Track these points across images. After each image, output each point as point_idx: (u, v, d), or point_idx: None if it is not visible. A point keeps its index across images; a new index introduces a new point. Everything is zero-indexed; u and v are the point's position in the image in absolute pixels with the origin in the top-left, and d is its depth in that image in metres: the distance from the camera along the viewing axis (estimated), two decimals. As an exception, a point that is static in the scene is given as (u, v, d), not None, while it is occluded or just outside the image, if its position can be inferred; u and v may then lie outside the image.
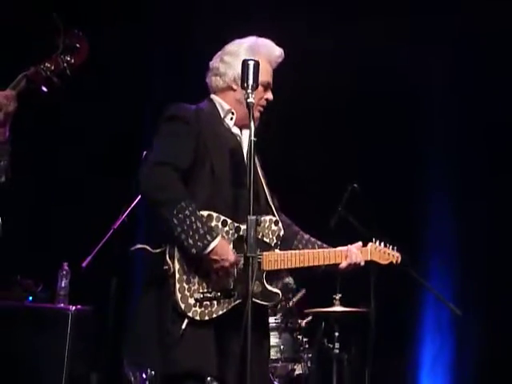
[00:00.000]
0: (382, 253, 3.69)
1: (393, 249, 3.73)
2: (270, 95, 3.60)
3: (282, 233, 3.49)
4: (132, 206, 5.45)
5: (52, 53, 3.54)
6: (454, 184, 6.60)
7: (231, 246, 3.36)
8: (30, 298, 5.67)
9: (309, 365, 5.55)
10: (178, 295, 3.26)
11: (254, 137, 3.28)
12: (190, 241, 3.20)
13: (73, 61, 3.54)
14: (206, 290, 3.31)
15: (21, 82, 3.48)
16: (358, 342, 5.69)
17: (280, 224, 3.50)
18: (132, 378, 5.41)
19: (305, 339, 5.58)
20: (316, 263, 3.52)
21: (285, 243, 3.55)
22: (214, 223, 3.32)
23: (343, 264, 3.57)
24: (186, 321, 3.26)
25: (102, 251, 5.30)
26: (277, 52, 3.61)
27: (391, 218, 5.90)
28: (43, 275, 5.77)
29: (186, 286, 3.28)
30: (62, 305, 5.66)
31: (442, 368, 6.53)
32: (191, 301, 3.28)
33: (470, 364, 6.46)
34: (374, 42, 6.57)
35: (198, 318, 3.26)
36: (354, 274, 3.68)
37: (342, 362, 5.54)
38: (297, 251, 3.52)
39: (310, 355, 5.58)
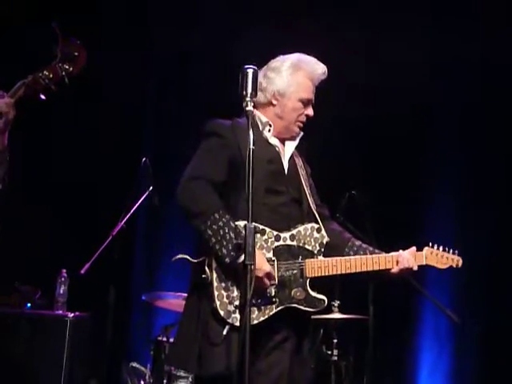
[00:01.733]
0: (439, 257, 3.71)
1: (453, 253, 3.75)
2: (310, 111, 3.69)
3: (325, 240, 3.57)
4: (131, 212, 5.47)
5: (51, 61, 3.56)
6: (455, 192, 6.59)
7: (271, 253, 3.47)
8: (29, 304, 5.69)
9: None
10: (217, 302, 3.38)
11: (297, 149, 3.67)
12: (224, 251, 3.35)
13: (71, 69, 3.55)
14: None
15: (19, 89, 3.49)
16: (356, 349, 5.69)
17: (323, 231, 3.57)
18: (130, 385, 5.44)
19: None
20: (364, 269, 3.58)
21: (336, 250, 3.63)
22: None
23: (395, 269, 3.61)
24: (227, 327, 3.37)
25: (100, 258, 5.30)
26: (319, 70, 3.68)
27: (389, 225, 5.90)
28: (42, 282, 5.79)
29: (225, 294, 3.40)
30: (61, 312, 5.68)
31: (441, 376, 6.52)
32: (230, 307, 3.39)
33: (469, 372, 6.45)
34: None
35: (237, 324, 3.33)
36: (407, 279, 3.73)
37: (341, 368, 5.53)
38: (342, 258, 3.58)
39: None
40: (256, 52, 6.23)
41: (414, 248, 3.70)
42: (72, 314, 5.53)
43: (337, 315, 5.46)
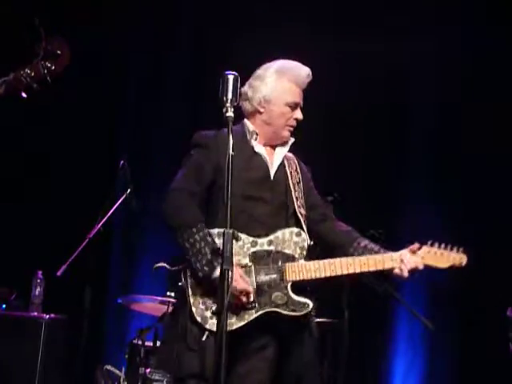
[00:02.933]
0: (438, 255, 3.51)
1: (457, 250, 3.55)
2: (298, 115, 3.69)
3: (306, 243, 3.55)
4: (107, 215, 5.46)
5: (33, 59, 3.52)
6: (436, 198, 6.65)
7: (247, 259, 3.48)
8: (4, 305, 5.66)
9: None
10: (193, 309, 3.42)
11: (290, 152, 3.71)
12: (198, 265, 3.38)
13: (54, 67, 3.49)
14: None
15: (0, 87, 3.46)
16: (330, 353, 5.71)
17: (304, 235, 3.55)
18: (105, 388, 5.43)
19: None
20: (363, 270, 3.50)
21: (341, 250, 3.61)
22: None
23: (403, 271, 3.50)
24: (206, 333, 3.40)
25: (77, 260, 5.29)
26: (303, 73, 3.69)
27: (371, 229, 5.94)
28: (17, 283, 5.76)
29: (201, 300, 3.43)
30: (36, 313, 5.67)
31: (414, 381, 6.57)
32: (207, 313, 3.42)
33: (442, 376, 6.50)
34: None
35: (215, 329, 3.33)
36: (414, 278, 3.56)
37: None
38: (326, 260, 3.53)
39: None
40: (238, 53, 6.43)
41: (416, 245, 3.57)
42: (47, 316, 5.52)
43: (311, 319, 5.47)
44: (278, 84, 3.65)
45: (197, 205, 3.50)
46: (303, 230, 3.57)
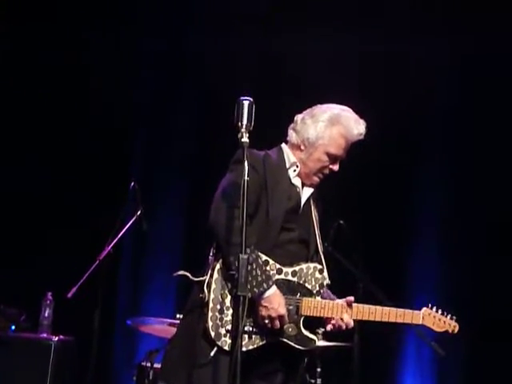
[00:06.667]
0: (436, 319, 3.71)
1: (451, 318, 3.74)
2: (335, 167, 3.71)
3: (326, 282, 3.60)
4: (118, 237, 5.46)
5: None
6: (442, 226, 6.65)
7: None
8: (13, 327, 5.65)
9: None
10: (210, 323, 3.43)
11: (316, 197, 3.75)
12: (248, 286, 3.32)
13: None
14: None
15: None
16: (339, 377, 5.69)
17: (325, 273, 3.61)
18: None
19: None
20: (374, 319, 3.61)
21: None
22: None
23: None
24: (215, 349, 3.41)
25: (86, 282, 5.28)
26: (355, 131, 3.68)
27: (377, 256, 5.95)
28: (27, 305, 5.76)
29: (219, 316, 3.43)
30: (45, 335, 5.66)
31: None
32: (222, 330, 3.43)
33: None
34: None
35: (226, 348, 3.39)
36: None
37: (324, 397, 5.52)
38: (342, 302, 3.61)
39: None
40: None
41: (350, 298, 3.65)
42: (56, 338, 5.51)
43: (321, 343, 5.44)
44: (327, 132, 3.65)
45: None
46: (325, 269, 3.62)
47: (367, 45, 6.66)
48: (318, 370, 5.50)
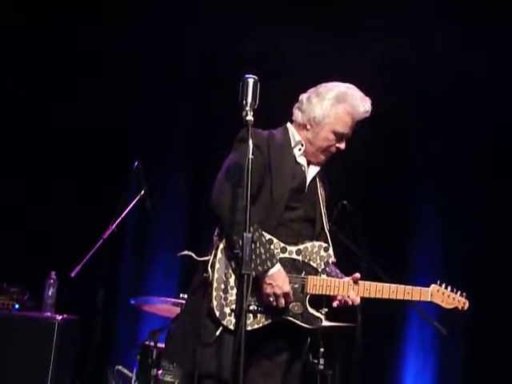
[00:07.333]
0: (445, 296, 3.68)
1: (461, 294, 3.71)
2: (342, 145, 3.69)
3: (331, 260, 3.61)
4: (122, 216, 5.47)
5: None
6: (445, 203, 6.64)
7: None
8: (17, 306, 5.65)
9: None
10: (214, 303, 3.43)
11: (321, 175, 3.72)
12: (252, 264, 3.31)
13: None
14: None
15: None
16: (342, 357, 5.69)
17: (330, 251, 3.61)
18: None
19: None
20: (381, 296, 3.60)
21: None
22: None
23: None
24: (220, 328, 3.41)
25: (90, 261, 5.29)
26: (362, 108, 3.66)
27: (380, 236, 5.95)
28: (30, 283, 5.77)
29: (223, 296, 3.43)
30: (49, 314, 5.66)
31: (425, 384, 6.57)
32: (227, 310, 3.43)
33: (453, 380, 6.49)
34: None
35: (231, 327, 3.39)
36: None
37: (326, 378, 5.53)
38: (346, 280, 3.60)
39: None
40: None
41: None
42: (60, 317, 5.51)
43: (324, 323, 5.45)
44: (333, 110, 3.64)
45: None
46: (330, 247, 3.62)
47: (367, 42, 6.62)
48: (321, 350, 5.51)
